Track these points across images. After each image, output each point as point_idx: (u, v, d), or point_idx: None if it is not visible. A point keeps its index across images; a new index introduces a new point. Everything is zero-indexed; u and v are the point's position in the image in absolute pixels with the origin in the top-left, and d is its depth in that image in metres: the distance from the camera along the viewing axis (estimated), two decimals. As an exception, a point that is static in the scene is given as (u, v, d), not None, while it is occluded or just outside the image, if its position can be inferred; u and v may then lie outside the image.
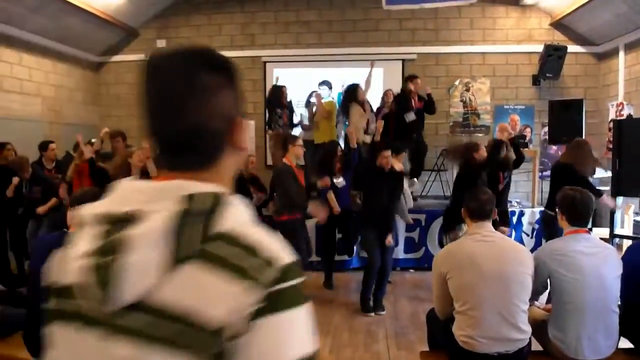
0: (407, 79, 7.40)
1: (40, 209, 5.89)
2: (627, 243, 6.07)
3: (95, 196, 2.80)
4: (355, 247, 6.48)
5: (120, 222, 0.75)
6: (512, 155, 5.19)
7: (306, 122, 7.92)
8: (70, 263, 0.77)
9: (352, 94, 7.18)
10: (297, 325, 0.73)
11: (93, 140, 6.87)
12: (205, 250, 0.73)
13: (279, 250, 0.76)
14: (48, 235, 3.07)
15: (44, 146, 6.48)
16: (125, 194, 0.80)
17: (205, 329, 0.70)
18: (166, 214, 0.73)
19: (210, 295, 0.71)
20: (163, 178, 0.81)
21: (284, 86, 7.97)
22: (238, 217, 0.78)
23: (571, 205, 2.85)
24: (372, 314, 5.01)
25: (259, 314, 0.71)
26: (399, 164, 5.32)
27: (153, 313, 0.72)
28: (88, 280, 0.73)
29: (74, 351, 0.78)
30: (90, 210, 0.81)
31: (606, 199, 5.06)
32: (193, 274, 0.72)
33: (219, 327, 0.70)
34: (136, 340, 0.72)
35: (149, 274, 0.71)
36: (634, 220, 6.56)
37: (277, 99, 7.71)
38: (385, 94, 7.83)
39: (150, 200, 0.76)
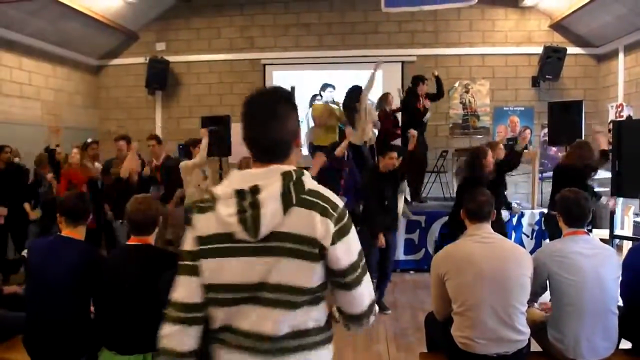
0: (419, 80, 7.28)
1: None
2: (627, 244, 6.06)
3: (77, 199, 2.84)
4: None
5: (248, 193, 1.34)
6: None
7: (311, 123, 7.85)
8: (219, 220, 1.36)
9: (355, 96, 7.11)
10: (353, 238, 1.42)
11: (89, 140, 6.88)
12: (302, 200, 1.35)
13: (336, 199, 1.40)
14: (43, 239, 3.09)
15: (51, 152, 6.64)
16: (239, 178, 1.40)
17: (312, 243, 1.33)
18: (277, 184, 1.34)
19: (312, 224, 1.33)
20: (261, 166, 1.41)
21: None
22: (310, 181, 1.40)
23: (567, 206, 2.87)
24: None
25: (335, 237, 1.35)
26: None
27: (281, 238, 1.33)
28: (238, 227, 1.33)
29: (227, 269, 1.35)
30: (222, 190, 1.39)
31: (605, 200, 5.08)
32: (299, 213, 1.34)
33: (319, 242, 1.34)
34: (272, 255, 1.33)
35: (275, 217, 1.32)
36: (634, 222, 6.55)
37: None
38: (386, 97, 7.76)
39: (262, 179, 1.36)
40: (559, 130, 7.10)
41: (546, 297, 2.93)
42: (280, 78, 9.22)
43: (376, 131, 7.14)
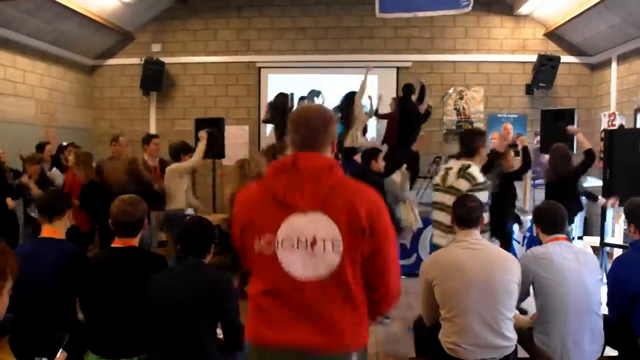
0: (413, 90, 7.54)
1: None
2: (617, 252, 6.09)
3: (51, 195, 2.87)
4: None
5: (447, 169, 3.90)
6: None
7: None
8: (439, 177, 3.95)
9: (350, 99, 7.30)
10: (482, 195, 3.54)
11: (64, 143, 6.79)
12: (463, 175, 3.72)
13: (477, 176, 3.70)
14: (22, 245, 3.10)
15: (41, 148, 6.54)
16: (449, 164, 3.98)
17: (460, 190, 3.60)
18: (457, 168, 3.80)
19: (463, 185, 3.68)
20: (456, 161, 3.89)
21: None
22: (472, 169, 3.73)
23: (541, 216, 3.03)
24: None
25: (470, 190, 3.58)
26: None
27: (453, 187, 3.73)
28: (441, 181, 3.89)
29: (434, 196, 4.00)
30: (441, 168, 4.16)
31: (602, 201, 5.44)
32: (461, 180, 3.72)
33: (462, 191, 3.57)
34: (450, 194, 3.67)
35: (453, 180, 3.77)
36: (625, 229, 6.58)
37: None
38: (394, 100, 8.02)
39: (454, 166, 3.85)
40: (551, 137, 7.12)
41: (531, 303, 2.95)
42: (275, 81, 9.23)
43: (368, 137, 7.26)
